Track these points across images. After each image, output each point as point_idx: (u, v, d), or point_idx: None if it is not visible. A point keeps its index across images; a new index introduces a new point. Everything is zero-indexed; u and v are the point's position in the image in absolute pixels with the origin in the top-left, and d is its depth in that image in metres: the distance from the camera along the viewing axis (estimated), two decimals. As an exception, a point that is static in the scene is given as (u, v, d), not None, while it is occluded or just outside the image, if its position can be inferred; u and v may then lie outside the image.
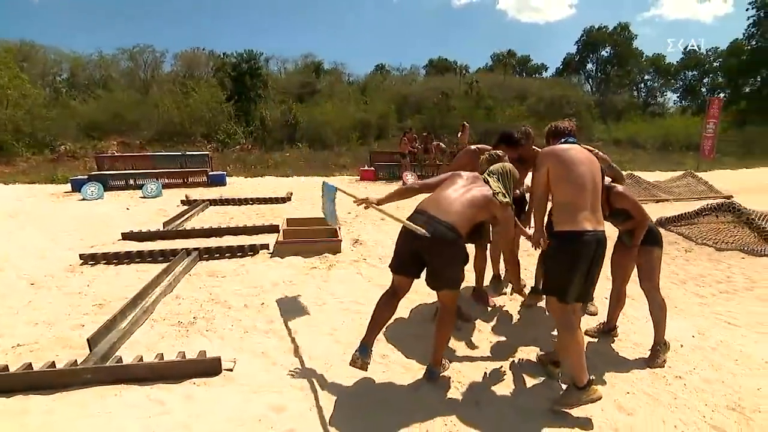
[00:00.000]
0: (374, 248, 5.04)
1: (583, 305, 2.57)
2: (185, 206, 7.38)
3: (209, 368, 2.39)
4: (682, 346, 2.80)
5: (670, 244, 4.99)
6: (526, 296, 3.22)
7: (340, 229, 5.26)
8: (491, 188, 2.36)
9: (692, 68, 39.29)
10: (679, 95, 40.78)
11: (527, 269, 4.00)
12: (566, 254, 2.12)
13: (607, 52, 40.41)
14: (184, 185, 10.00)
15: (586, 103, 30.14)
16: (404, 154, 12.37)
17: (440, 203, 2.26)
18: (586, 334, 2.78)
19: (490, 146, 3.17)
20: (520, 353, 2.74)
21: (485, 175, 2.47)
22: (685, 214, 5.82)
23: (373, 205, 2.46)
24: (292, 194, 8.64)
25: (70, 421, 2.01)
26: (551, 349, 2.66)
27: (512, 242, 2.60)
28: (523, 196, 3.52)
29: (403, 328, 2.96)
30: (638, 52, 40.13)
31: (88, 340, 2.52)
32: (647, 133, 25.00)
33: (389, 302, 2.34)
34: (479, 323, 3.16)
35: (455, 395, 2.29)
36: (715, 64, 37.99)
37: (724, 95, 30.07)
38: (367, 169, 12.86)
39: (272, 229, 5.59)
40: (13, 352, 2.66)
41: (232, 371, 2.42)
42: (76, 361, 2.38)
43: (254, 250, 4.65)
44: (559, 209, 2.20)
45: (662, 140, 24.00)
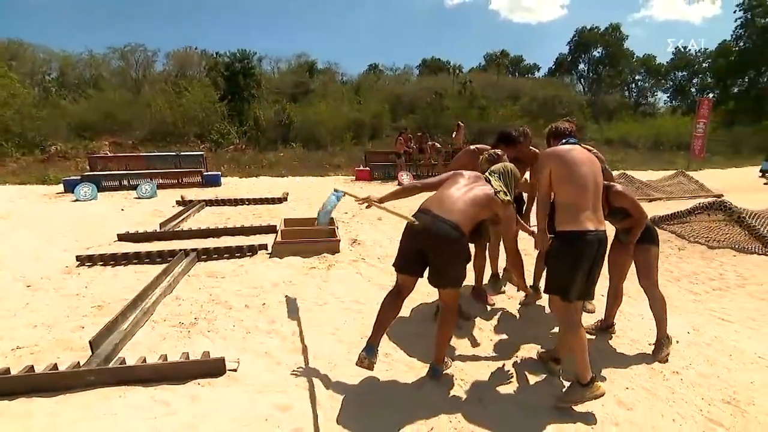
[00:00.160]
0: (372, 248, 5.06)
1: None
2: (181, 207, 7.34)
3: (213, 369, 2.39)
4: (677, 342, 2.85)
5: (663, 242, 5.05)
6: (529, 293, 3.26)
7: (338, 228, 5.28)
8: (493, 187, 2.39)
9: (682, 69, 39.82)
10: (669, 95, 41.35)
11: (527, 269, 4.03)
12: (569, 254, 2.15)
13: (598, 52, 40.77)
14: (178, 186, 9.94)
15: (578, 103, 30.39)
16: (399, 154, 12.39)
17: (443, 202, 2.29)
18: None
19: (488, 146, 3.20)
20: (521, 351, 2.78)
21: (487, 174, 2.50)
22: (677, 212, 5.91)
23: (375, 203, 2.48)
24: (288, 194, 8.62)
25: (74, 422, 2.01)
26: (551, 346, 2.71)
27: (514, 240, 2.64)
28: (520, 194, 3.57)
29: (404, 327, 2.99)
30: (629, 52, 40.57)
31: (90, 341, 2.51)
32: (638, 132, 25.26)
33: (394, 302, 2.36)
34: (479, 321, 3.20)
35: (459, 393, 2.32)
36: (704, 64, 38.56)
37: (713, 95, 30.51)
38: (362, 169, 12.84)
39: (270, 229, 5.59)
40: (12, 354, 2.63)
41: (236, 371, 2.43)
42: (78, 362, 2.38)
43: (253, 250, 4.65)
44: (561, 209, 2.23)
45: (653, 140, 24.29)
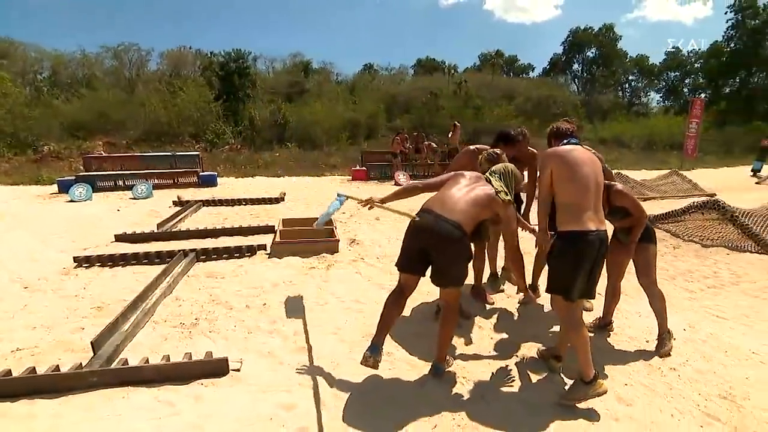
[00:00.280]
0: (371, 248, 5.07)
1: None
2: (178, 207, 7.31)
3: (216, 369, 2.39)
4: (674, 339, 2.89)
5: (658, 240, 5.05)
6: (528, 293, 3.29)
7: (336, 228, 5.29)
8: (493, 187, 2.42)
9: (674, 69, 40.22)
10: (662, 95, 41.72)
11: (526, 269, 4.07)
12: (571, 254, 2.17)
13: (592, 52, 41.10)
14: (174, 186, 9.88)
15: (572, 103, 30.65)
16: (396, 153, 12.43)
17: (445, 202, 2.32)
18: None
19: (487, 146, 3.23)
20: (521, 349, 2.80)
21: (487, 174, 2.52)
22: (672, 211, 5.99)
23: (377, 204, 2.51)
24: (285, 194, 8.62)
25: (78, 423, 2.01)
26: (551, 344, 2.74)
27: (515, 239, 2.65)
28: (518, 194, 3.59)
29: (406, 326, 3.00)
30: (623, 52, 40.90)
31: (91, 342, 2.50)
32: (632, 132, 25.50)
33: (397, 301, 2.38)
34: (479, 320, 3.23)
35: (461, 391, 2.34)
36: (696, 65, 38.97)
37: (705, 96, 30.85)
38: (358, 168, 12.86)
39: (268, 229, 5.58)
40: (13, 356, 2.62)
41: (239, 371, 2.43)
42: (81, 364, 2.37)
43: (252, 250, 4.64)
44: (563, 209, 2.24)
45: (647, 139, 24.52)
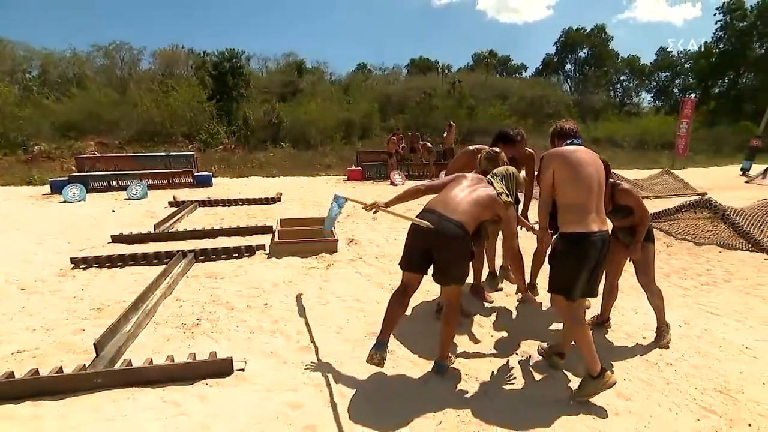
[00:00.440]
0: (369, 247, 5.10)
1: None
2: (174, 207, 7.27)
3: (221, 369, 2.40)
4: (671, 334, 2.96)
5: (652, 239, 5.23)
6: (527, 292, 3.33)
7: (334, 228, 5.30)
8: (495, 189, 2.46)
9: (665, 69, 40.69)
10: (653, 95, 42.16)
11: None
12: (573, 255, 2.19)
13: (584, 52, 41.43)
14: (169, 186, 9.80)
15: (565, 102, 30.76)
16: (391, 153, 12.45)
17: (448, 202, 2.35)
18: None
19: (486, 146, 3.26)
20: (521, 346, 2.85)
21: (489, 176, 2.57)
22: (665, 210, 6.09)
23: (381, 207, 2.54)
24: (281, 195, 8.60)
25: (85, 424, 2.01)
26: (550, 341, 2.79)
27: (514, 238, 2.69)
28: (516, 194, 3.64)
29: (407, 325, 3.03)
30: (614, 53, 41.29)
31: (94, 344, 2.50)
32: (624, 132, 25.70)
33: (400, 300, 2.41)
34: (479, 318, 3.27)
35: (464, 387, 2.38)
36: (686, 65, 39.47)
37: (694, 96, 31.25)
38: (354, 168, 12.85)
39: (266, 229, 5.58)
40: (14, 358, 2.61)
41: (243, 371, 2.45)
42: (84, 365, 2.37)
43: (251, 251, 4.65)
44: (566, 210, 2.25)
45: (638, 139, 24.75)
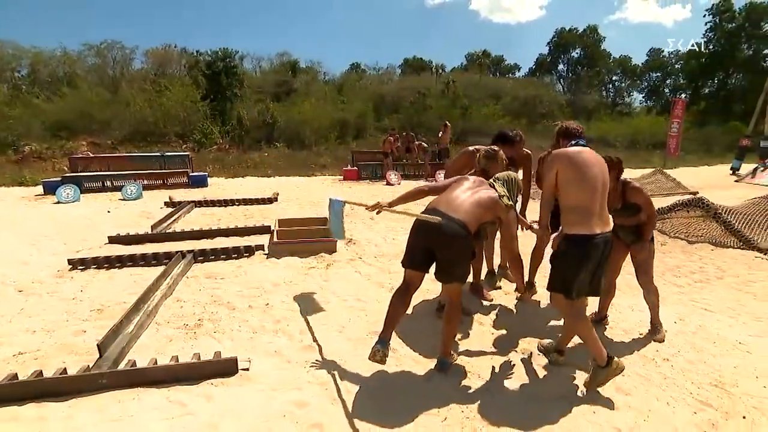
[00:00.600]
0: (368, 247, 5.13)
1: None
2: (170, 208, 7.24)
3: (226, 368, 2.42)
4: (666, 331, 3.03)
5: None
6: (525, 293, 3.37)
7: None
8: (497, 191, 2.51)
9: (656, 70, 41.20)
10: (644, 95, 42.67)
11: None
12: (575, 256, 2.22)
13: (577, 53, 41.83)
14: (164, 186, 9.75)
15: (558, 102, 31.06)
16: (387, 153, 12.49)
17: (451, 203, 2.39)
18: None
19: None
20: (521, 343, 2.89)
21: (492, 180, 2.61)
22: (659, 209, 6.17)
23: (385, 208, 2.57)
24: (278, 195, 8.59)
25: (92, 425, 2.01)
26: (550, 338, 2.84)
27: (513, 241, 2.73)
28: None
29: (409, 323, 3.06)
30: (606, 53, 41.71)
31: (98, 345, 2.50)
32: (617, 131, 25.96)
33: (402, 298, 2.44)
34: (479, 317, 3.31)
35: (467, 384, 2.42)
36: (676, 66, 40.00)
37: (685, 96, 31.68)
38: (350, 168, 12.86)
39: (264, 229, 5.59)
40: (15, 360, 2.60)
41: (248, 371, 2.46)
42: (89, 366, 2.37)
43: (250, 251, 4.65)
44: (569, 211, 2.25)
45: (630, 138, 25.04)
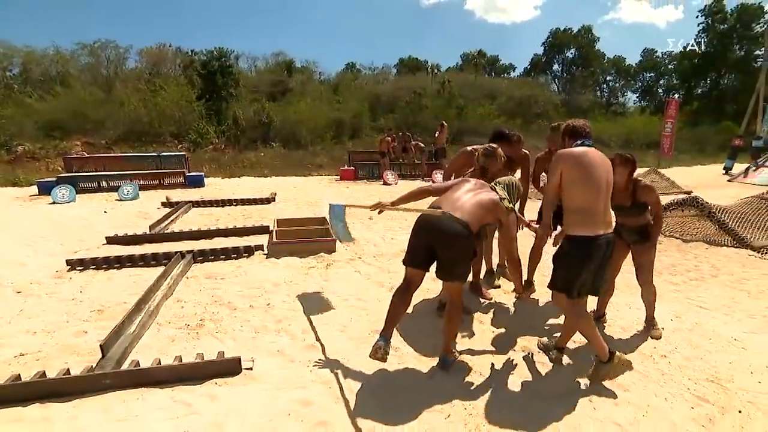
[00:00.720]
0: (367, 246, 5.15)
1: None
2: (167, 208, 7.21)
3: (230, 368, 2.43)
4: (663, 328, 3.08)
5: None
6: (524, 293, 3.39)
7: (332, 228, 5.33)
8: (498, 194, 2.55)
9: (650, 70, 41.52)
10: (638, 95, 42.98)
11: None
12: (578, 257, 2.25)
13: (572, 53, 42.03)
14: (160, 187, 9.70)
15: (553, 102, 31.21)
16: (384, 153, 12.51)
17: (453, 203, 2.43)
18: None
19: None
20: (521, 341, 2.93)
21: (493, 183, 2.65)
22: (653, 208, 6.25)
23: (387, 206, 2.59)
24: (275, 195, 8.58)
25: (97, 425, 2.02)
26: (549, 335, 2.88)
27: (513, 243, 2.75)
28: None
29: (409, 322, 3.08)
30: (600, 53, 41.98)
31: (101, 345, 2.50)
32: (611, 131, 26.06)
33: (403, 296, 2.47)
34: (479, 315, 3.34)
35: (469, 381, 2.45)
36: (669, 66, 40.34)
37: (678, 96, 31.98)
38: (347, 168, 12.86)
39: (263, 230, 5.59)
40: (17, 361, 2.59)
41: (252, 370, 2.47)
42: (92, 366, 2.37)
43: (249, 251, 4.65)
44: (573, 212, 2.27)
45: (625, 138, 25.20)
